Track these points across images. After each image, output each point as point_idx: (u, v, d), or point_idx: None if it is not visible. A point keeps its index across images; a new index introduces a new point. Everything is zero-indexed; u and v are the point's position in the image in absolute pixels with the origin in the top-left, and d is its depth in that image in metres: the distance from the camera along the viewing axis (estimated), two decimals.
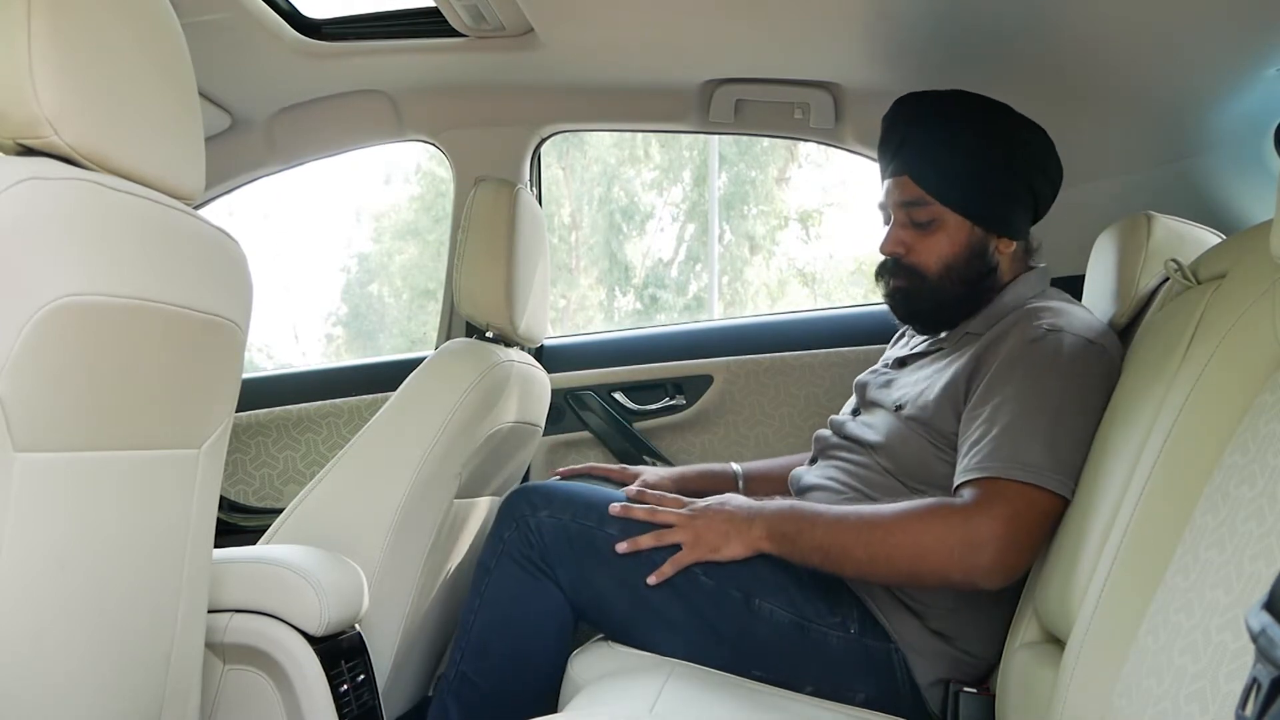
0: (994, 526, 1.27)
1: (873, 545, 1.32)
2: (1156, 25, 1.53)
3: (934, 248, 1.48)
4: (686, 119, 2.08)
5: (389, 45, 1.89)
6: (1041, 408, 1.30)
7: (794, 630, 1.40)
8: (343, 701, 1.36)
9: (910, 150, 1.48)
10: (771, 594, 1.41)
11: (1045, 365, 1.33)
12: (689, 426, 2.16)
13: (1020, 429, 1.30)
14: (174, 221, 0.99)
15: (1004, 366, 1.36)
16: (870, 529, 1.33)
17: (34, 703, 0.90)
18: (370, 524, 1.56)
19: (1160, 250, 1.41)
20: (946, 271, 1.48)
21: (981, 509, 1.28)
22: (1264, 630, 0.55)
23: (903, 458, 1.44)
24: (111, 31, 0.92)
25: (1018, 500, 1.27)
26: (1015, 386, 1.33)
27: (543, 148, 2.21)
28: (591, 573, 1.42)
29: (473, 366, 1.66)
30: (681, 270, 10.53)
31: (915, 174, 1.48)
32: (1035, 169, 1.49)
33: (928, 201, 1.47)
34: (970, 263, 1.48)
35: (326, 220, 11.69)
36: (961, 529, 1.28)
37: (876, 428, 1.49)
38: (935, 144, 1.48)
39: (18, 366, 0.82)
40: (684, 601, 1.41)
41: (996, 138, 1.47)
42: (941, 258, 1.48)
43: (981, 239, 1.48)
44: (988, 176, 1.47)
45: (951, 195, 1.47)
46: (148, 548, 1.04)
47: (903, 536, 1.31)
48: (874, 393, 1.56)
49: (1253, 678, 0.55)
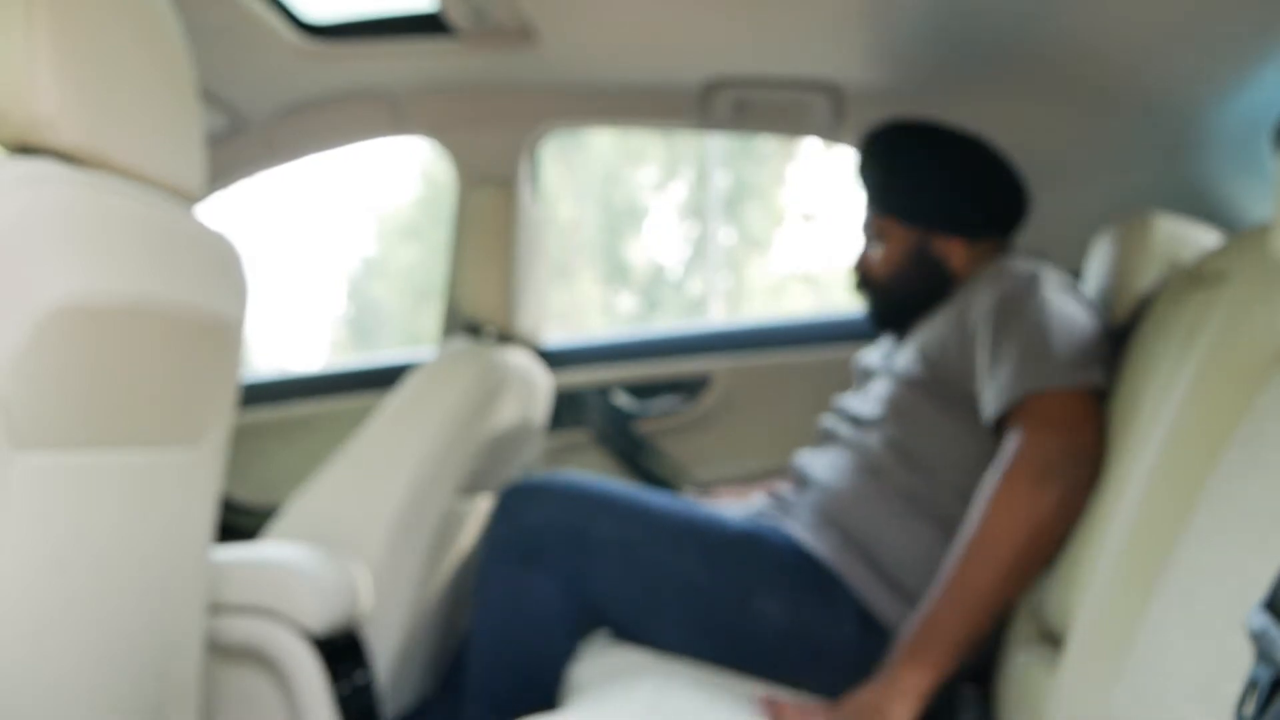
0: (1048, 446, 1.25)
1: (989, 566, 1.26)
2: (1156, 25, 1.53)
3: (883, 256, 1.61)
4: (686, 118, 2.08)
5: (389, 46, 1.89)
6: (1031, 325, 1.34)
7: (790, 632, 1.40)
8: (343, 701, 1.36)
9: (861, 181, 1.64)
10: (768, 595, 1.40)
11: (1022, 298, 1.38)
12: (689, 427, 2.16)
13: (1024, 349, 1.33)
14: (174, 222, 0.99)
15: (989, 314, 1.39)
16: (973, 560, 1.27)
17: (34, 702, 0.90)
18: (370, 523, 1.56)
19: (1160, 250, 1.41)
20: (896, 275, 1.60)
21: (1028, 442, 1.27)
22: (1264, 630, 0.55)
23: (905, 423, 1.45)
24: (112, 32, 0.92)
25: (1052, 409, 1.28)
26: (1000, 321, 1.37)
27: (543, 147, 2.21)
28: (586, 566, 1.42)
29: (473, 366, 1.66)
30: (682, 270, 10.53)
31: (868, 198, 1.63)
32: (971, 167, 1.58)
33: (874, 218, 1.62)
34: (916, 264, 1.59)
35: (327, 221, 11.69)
36: (1026, 475, 1.26)
37: (877, 398, 1.50)
38: (879, 169, 1.62)
39: (19, 367, 0.82)
40: (680, 599, 1.41)
41: (928, 146, 1.60)
42: (888, 264, 1.61)
43: (922, 239, 1.59)
44: (918, 179, 1.59)
45: (888, 204, 1.60)
46: (147, 547, 1.04)
47: (999, 533, 1.26)
48: (873, 366, 1.61)
49: (1252, 677, 0.55)
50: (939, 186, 1.59)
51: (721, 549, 1.43)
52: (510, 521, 1.45)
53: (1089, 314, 1.38)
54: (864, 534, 1.42)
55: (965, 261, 1.58)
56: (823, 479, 1.49)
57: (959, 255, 1.58)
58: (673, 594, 1.40)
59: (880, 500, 1.42)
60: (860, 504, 1.43)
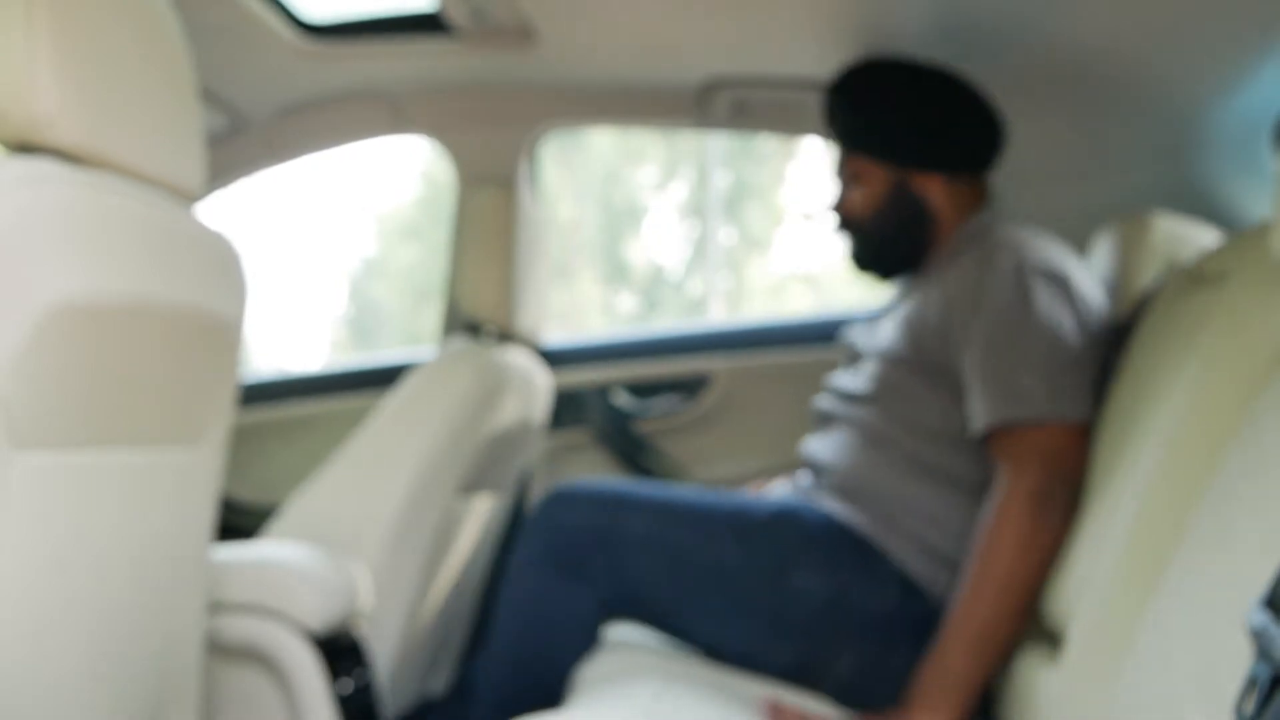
0: (1030, 480, 1.29)
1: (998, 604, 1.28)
2: (1156, 25, 1.53)
3: (860, 199, 1.58)
4: (685, 118, 2.08)
5: (389, 45, 1.89)
6: (1018, 343, 1.34)
7: (831, 600, 1.39)
8: (343, 701, 1.36)
9: (832, 123, 1.60)
10: (806, 566, 1.40)
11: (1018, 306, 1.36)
12: (690, 426, 2.16)
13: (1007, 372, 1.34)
14: (174, 222, 0.99)
15: (977, 316, 1.39)
16: (981, 600, 1.29)
17: (34, 703, 0.90)
18: (370, 523, 1.56)
19: (1160, 250, 1.41)
20: (876, 216, 1.57)
21: (1012, 476, 1.30)
22: (1263, 628, 0.55)
23: (892, 401, 1.46)
24: (112, 31, 0.92)
25: (1027, 442, 1.31)
26: (991, 329, 1.36)
27: (543, 147, 2.21)
28: (620, 566, 1.42)
29: (473, 366, 1.66)
30: (682, 270, 10.53)
31: (837, 140, 1.60)
32: (942, 100, 1.55)
33: (847, 158, 1.58)
34: (896, 204, 1.56)
35: (327, 221, 11.70)
36: (1015, 510, 1.28)
37: (868, 375, 1.51)
38: (845, 106, 1.59)
39: (19, 366, 0.82)
40: (717, 580, 1.41)
41: (897, 82, 1.57)
42: (867, 205, 1.57)
43: (900, 178, 1.56)
44: (889, 115, 1.56)
45: (860, 142, 1.57)
46: (147, 547, 1.04)
47: (999, 569, 1.28)
48: (859, 345, 1.60)
49: (1252, 675, 0.56)
50: (910, 121, 1.56)
51: (755, 530, 1.43)
52: (549, 527, 1.45)
53: (1080, 322, 1.36)
54: (887, 503, 1.42)
55: (945, 200, 1.55)
56: (832, 460, 1.49)
57: (938, 192, 1.55)
58: (711, 581, 1.40)
59: (890, 469, 1.43)
60: (874, 476, 1.44)
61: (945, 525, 1.40)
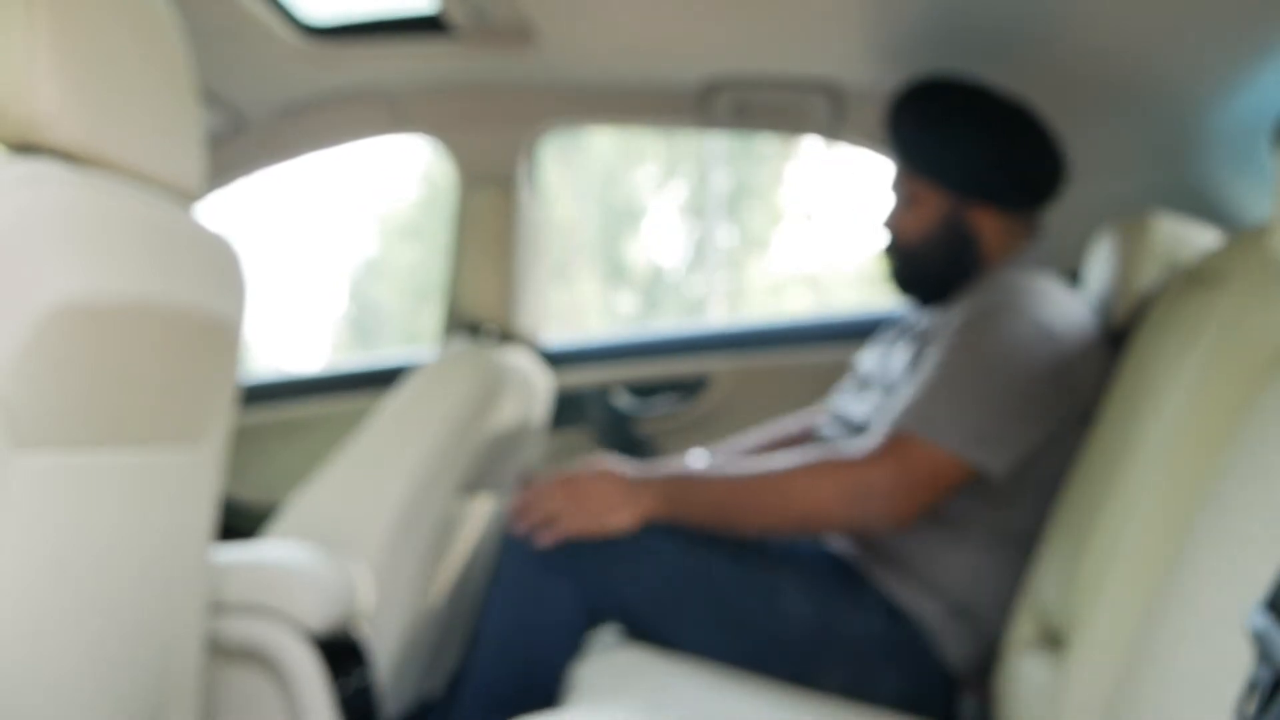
0: (883, 476, 1.33)
1: (766, 500, 1.37)
2: (1156, 24, 1.53)
3: (913, 221, 1.56)
4: (686, 118, 2.08)
5: (389, 46, 1.89)
6: (960, 375, 1.36)
7: (818, 625, 1.40)
8: (343, 701, 1.36)
9: (895, 138, 1.57)
10: (795, 594, 1.41)
11: (978, 337, 1.38)
12: (690, 427, 2.16)
13: (935, 392, 1.36)
14: (173, 222, 0.99)
15: (946, 336, 1.41)
16: (762, 485, 1.38)
17: (33, 703, 0.90)
18: (370, 523, 1.56)
19: (1160, 250, 1.41)
20: (925, 241, 1.55)
21: (873, 460, 1.34)
22: (1264, 630, 0.55)
23: None
24: (111, 31, 0.92)
25: (912, 454, 1.33)
26: (946, 354, 1.38)
27: (543, 147, 2.21)
28: (608, 569, 1.42)
29: (473, 366, 1.66)
30: (682, 270, 10.53)
31: (898, 155, 1.57)
32: (1011, 132, 1.53)
33: (905, 176, 1.56)
34: (948, 231, 1.54)
35: (327, 221, 11.70)
36: (850, 479, 1.34)
37: (874, 407, 1.51)
38: (912, 125, 1.56)
39: (19, 366, 0.82)
40: (705, 594, 1.41)
41: (968, 107, 1.54)
42: (920, 228, 1.56)
43: (955, 206, 1.54)
44: (955, 142, 1.54)
45: (921, 163, 1.55)
46: (147, 548, 1.04)
47: (795, 489, 1.36)
48: (869, 373, 1.61)
49: (1253, 678, 0.55)
50: (977, 151, 1.53)
51: (747, 547, 1.44)
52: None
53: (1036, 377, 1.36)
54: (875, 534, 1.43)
55: (996, 232, 1.53)
56: None
57: (990, 225, 1.53)
58: (697, 593, 1.40)
59: None
60: None
61: (932, 558, 1.41)
